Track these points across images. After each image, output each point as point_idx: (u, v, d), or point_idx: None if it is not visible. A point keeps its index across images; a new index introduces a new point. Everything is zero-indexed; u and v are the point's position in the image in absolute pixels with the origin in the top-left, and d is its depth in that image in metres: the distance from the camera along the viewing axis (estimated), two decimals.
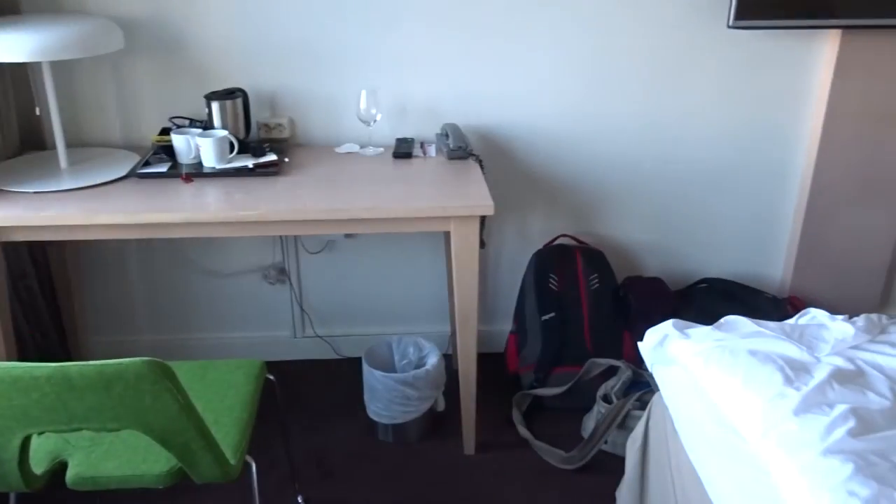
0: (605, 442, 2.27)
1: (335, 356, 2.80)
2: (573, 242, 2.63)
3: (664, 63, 2.45)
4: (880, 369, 1.59)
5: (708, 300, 2.60)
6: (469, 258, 2.06)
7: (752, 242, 2.74)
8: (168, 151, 2.23)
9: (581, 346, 2.47)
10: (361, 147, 2.42)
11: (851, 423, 1.38)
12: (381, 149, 2.41)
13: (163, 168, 2.17)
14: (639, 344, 1.84)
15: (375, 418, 2.37)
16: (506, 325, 2.73)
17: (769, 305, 2.56)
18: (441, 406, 2.43)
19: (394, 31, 2.37)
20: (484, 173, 2.26)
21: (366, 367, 2.33)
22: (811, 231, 2.64)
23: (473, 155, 2.32)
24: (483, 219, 2.33)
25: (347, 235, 2.60)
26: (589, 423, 2.36)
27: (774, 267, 2.78)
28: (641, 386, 2.27)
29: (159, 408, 1.35)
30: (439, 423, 2.45)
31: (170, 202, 1.98)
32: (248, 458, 1.63)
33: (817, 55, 2.46)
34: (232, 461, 1.56)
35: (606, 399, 2.30)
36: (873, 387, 1.52)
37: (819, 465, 1.31)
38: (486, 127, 2.51)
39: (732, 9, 2.23)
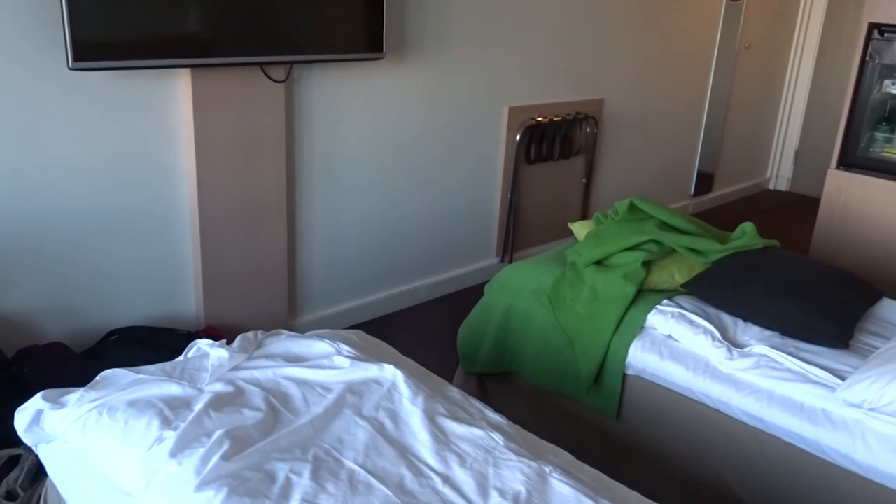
0: None
1: None
2: None
3: (18, 112, 2.21)
4: (258, 384, 1.69)
5: (121, 352, 2.46)
6: None
7: (160, 284, 2.70)
8: None
9: None
10: None
11: (226, 447, 1.42)
12: None
13: None
14: (15, 426, 1.62)
15: None
16: None
17: (185, 342, 2.55)
18: None
19: None
20: None
21: None
22: (211, 261, 2.73)
23: None
24: None
25: None
26: None
27: (187, 303, 2.79)
28: None
29: None
30: None
31: None
32: None
33: (176, 92, 2.53)
34: None
35: (11, 496, 1.99)
36: (250, 403, 1.60)
37: (195, 499, 1.30)
38: None
39: (69, 51, 2.12)
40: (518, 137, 3.72)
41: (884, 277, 3.32)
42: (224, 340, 1.81)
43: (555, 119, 3.86)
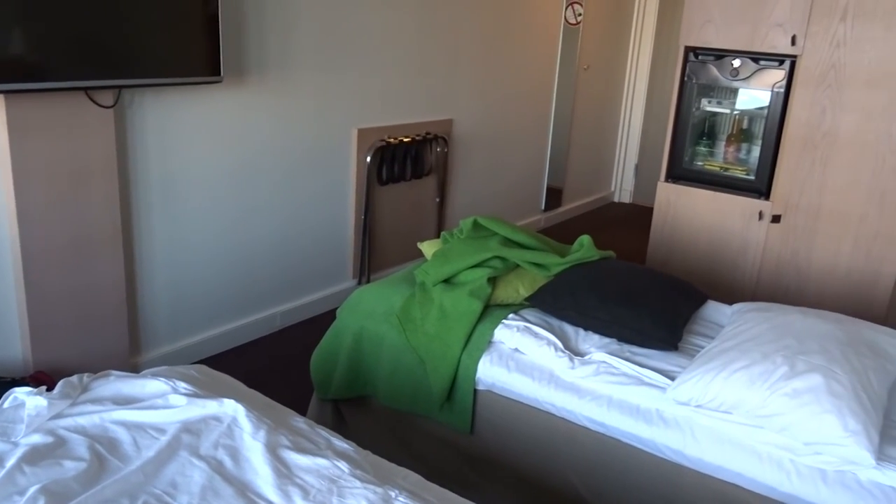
0: None
1: None
2: None
3: None
4: (82, 431, 1.57)
5: None
6: None
7: None
8: None
9: None
10: None
11: None
12: None
13: None
14: None
15: None
16: None
17: (6, 391, 2.35)
18: None
19: None
20: None
21: None
22: (38, 301, 2.53)
23: None
24: None
25: None
26: None
27: (12, 347, 2.57)
28: None
29: None
30: None
31: None
32: None
33: None
34: None
35: None
36: (72, 453, 1.49)
37: None
38: None
39: None
40: (369, 159, 3.72)
41: (710, 280, 3.58)
42: (44, 387, 1.68)
43: (405, 140, 3.90)
